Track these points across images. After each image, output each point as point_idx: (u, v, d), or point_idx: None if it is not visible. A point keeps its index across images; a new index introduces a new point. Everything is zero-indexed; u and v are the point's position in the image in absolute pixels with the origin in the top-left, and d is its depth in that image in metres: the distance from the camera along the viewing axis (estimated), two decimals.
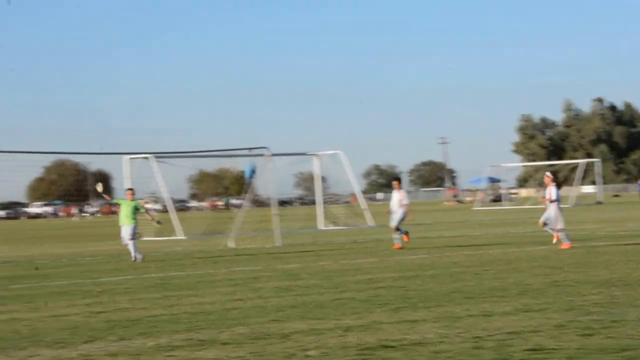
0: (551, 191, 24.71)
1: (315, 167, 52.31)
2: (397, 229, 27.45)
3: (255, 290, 16.73)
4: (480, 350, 9.66)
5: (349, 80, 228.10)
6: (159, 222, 29.04)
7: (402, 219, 27.56)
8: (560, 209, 24.72)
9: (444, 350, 9.72)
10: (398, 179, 28.78)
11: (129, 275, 21.63)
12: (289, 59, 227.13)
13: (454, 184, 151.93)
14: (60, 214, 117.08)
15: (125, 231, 26.54)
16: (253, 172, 29.31)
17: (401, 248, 26.93)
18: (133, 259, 26.16)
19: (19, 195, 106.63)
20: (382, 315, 12.64)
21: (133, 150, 48.39)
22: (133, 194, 27.17)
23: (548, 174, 25.63)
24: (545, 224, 24.76)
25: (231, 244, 33.28)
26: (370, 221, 49.80)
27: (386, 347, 10.12)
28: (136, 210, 26.65)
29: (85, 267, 25.10)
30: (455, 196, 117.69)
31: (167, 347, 10.71)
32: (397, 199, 27.81)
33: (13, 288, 19.38)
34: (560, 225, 24.50)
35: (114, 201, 28.69)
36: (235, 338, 11.11)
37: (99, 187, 27.56)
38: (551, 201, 24.60)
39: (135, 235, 26.64)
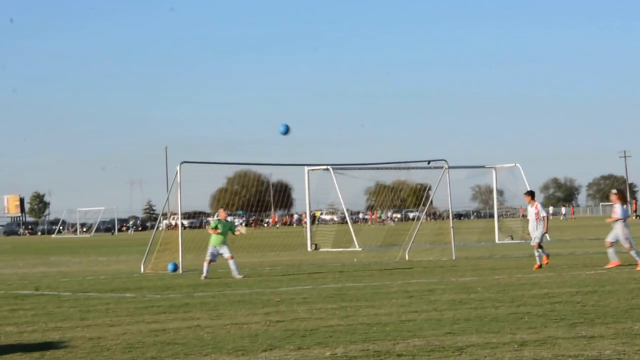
0: (616, 209, 24.31)
1: (493, 180, 51.88)
2: (540, 246, 25.60)
3: (430, 303, 16.84)
4: None
5: (529, 92, 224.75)
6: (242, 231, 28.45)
7: (542, 235, 25.92)
8: (627, 227, 24.39)
9: None
10: (530, 193, 26.81)
11: (307, 285, 22.08)
12: (468, 70, 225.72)
13: (634, 198, 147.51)
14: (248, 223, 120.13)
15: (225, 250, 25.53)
16: (286, 129, 27.50)
17: (540, 267, 25.25)
18: (236, 275, 25.18)
19: (204, 205, 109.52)
20: (559, 330, 12.56)
21: (312, 161, 49.17)
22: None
23: (614, 191, 25.11)
24: (611, 244, 24.48)
25: (407, 256, 33.43)
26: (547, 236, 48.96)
27: None
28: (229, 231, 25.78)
29: (265, 277, 25.72)
30: (635, 211, 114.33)
31: (343, 357, 10.97)
32: (533, 214, 26.19)
33: (197, 296, 20.08)
34: (627, 244, 24.23)
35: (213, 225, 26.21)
36: (410, 350, 11.27)
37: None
38: (616, 220, 24.09)
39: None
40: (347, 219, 49.34)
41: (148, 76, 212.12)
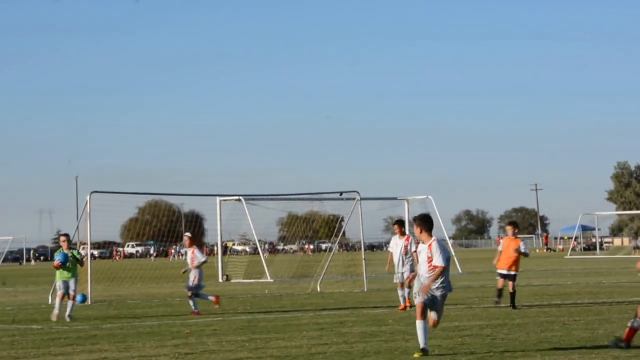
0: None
1: (405, 212, 52.22)
2: (406, 285, 22.62)
3: (341, 335, 16.78)
4: None
5: (442, 125, 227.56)
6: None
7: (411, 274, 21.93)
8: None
9: None
10: (400, 223, 23.90)
11: (217, 317, 21.86)
12: (380, 103, 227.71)
13: (545, 231, 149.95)
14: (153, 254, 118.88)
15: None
16: None
17: (405, 309, 22.55)
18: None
19: (115, 235, 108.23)
20: None
21: (224, 192, 48.91)
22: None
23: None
24: None
25: (319, 288, 33.36)
26: (458, 268, 49.39)
27: None
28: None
29: (176, 308, 25.41)
30: (546, 244, 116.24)
31: None
32: (402, 247, 23.11)
33: (105, 328, 19.73)
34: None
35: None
36: None
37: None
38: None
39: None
40: (259, 250, 49.11)
41: (58, 106, 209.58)
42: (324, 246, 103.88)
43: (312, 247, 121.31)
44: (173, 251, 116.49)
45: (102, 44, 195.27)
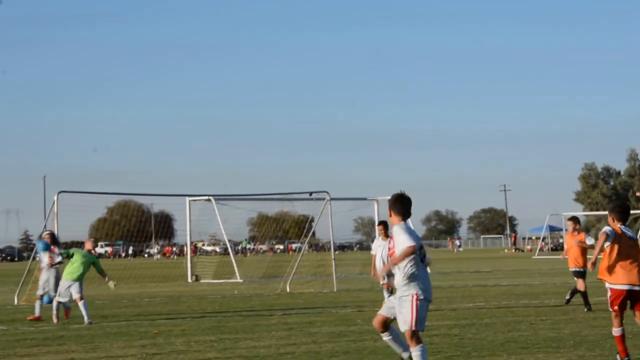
0: None
1: (375, 212, 52.30)
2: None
3: (309, 335, 16.79)
4: None
5: (410, 127, 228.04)
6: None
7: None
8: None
9: None
10: (383, 223, 21.41)
11: (186, 317, 21.81)
12: (347, 104, 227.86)
13: (514, 231, 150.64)
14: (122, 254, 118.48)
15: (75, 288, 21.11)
16: None
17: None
18: (88, 322, 20.53)
19: (83, 236, 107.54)
20: None
21: (194, 192, 48.84)
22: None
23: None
24: None
25: (288, 288, 33.36)
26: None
27: None
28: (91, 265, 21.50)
29: (144, 309, 25.33)
30: (514, 244, 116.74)
31: None
32: (386, 249, 21.48)
33: (73, 328, 19.64)
34: None
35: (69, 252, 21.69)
36: None
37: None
38: None
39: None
40: (229, 250, 49.08)
41: (26, 105, 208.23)
42: (294, 246, 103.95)
43: (282, 246, 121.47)
44: (140, 251, 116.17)
45: (69, 39, 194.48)
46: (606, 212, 13.62)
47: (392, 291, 20.77)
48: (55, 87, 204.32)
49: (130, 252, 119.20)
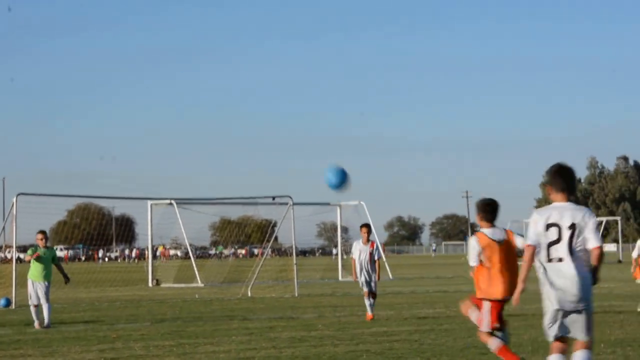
0: None
1: (338, 218, 52.31)
2: (373, 295, 21.18)
3: (270, 340, 16.72)
4: None
5: (373, 132, 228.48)
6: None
7: (376, 282, 21.21)
8: None
9: None
10: (367, 226, 21.49)
11: (146, 321, 21.66)
12: (313, 109, 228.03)
13: None
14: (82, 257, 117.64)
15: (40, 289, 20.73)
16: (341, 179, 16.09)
17: (373, 318, 20.93)
18: (47, 325, 20.35)
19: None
20: None
21: (156, 195, 48.61)
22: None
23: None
24: None
25: (249, 292, 33.27)
26: (389, 274, 49.64)
27: None
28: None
29: (103, 312, 25.14)
30: None
31: None
32: (367, 253, 21.11)
33: (30, 332, 19.45)
34: None
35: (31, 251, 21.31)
36: None
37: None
38: None
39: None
40: (190, 254, 48.87)
41: None
42: (256, 250, 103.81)
43: (244, 251, 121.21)
44: (99, 254, 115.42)
45: (34, 45, 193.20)
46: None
47: (374, 298, 20.85)
48: (15, 88, 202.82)
49: (90, 254, 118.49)
